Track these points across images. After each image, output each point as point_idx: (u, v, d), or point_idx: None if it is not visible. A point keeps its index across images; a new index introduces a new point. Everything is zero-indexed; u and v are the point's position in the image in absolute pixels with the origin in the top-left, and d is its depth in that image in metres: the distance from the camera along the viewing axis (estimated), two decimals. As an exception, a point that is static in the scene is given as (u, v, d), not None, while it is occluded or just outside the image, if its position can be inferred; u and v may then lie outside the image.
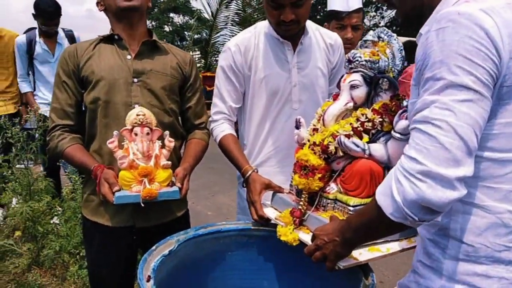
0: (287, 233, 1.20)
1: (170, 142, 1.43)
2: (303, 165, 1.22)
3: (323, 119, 1.26)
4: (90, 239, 1.59)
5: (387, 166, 1.18)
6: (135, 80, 1.48)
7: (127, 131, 1.36)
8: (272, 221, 1.32)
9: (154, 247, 1.20)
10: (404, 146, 1.13)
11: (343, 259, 1.04)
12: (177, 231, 1.30)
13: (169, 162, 1.40)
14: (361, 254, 1.08)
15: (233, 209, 4.48)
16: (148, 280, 1.04)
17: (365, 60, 1.21)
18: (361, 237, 1.00)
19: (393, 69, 1.22)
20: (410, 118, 0.97)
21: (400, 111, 1.11)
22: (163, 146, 1.42)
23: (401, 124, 1.10)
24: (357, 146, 1.13)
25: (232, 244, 1.38)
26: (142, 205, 1.31)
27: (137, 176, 1.33)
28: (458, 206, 0.90)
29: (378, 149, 1.15)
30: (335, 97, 1.38)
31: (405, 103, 1.14)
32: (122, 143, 1.38)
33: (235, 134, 1.64)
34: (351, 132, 1.17)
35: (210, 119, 1.68)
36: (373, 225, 0.93)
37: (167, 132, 1.44)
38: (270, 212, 1.37)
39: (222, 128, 1.63)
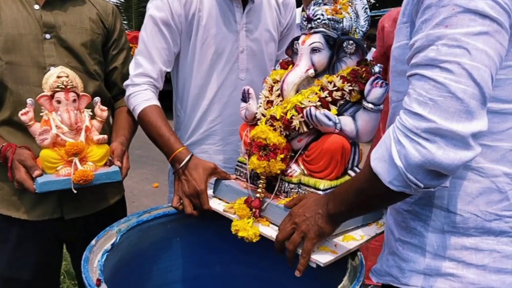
0: (247, 227, 0.98)
1: (102, 111, 1.14)
2: (262, 145, 1.01)
3: (281, 89, 1.05)
4: (2, 238, 1.24)
5: (353, 142, 1.04)
6: (47, 36, 1.16)
7: (46, 98, 1.05)
8: (222, 214, 1.09)
9: (94, 242, 0.97)
10: (375, 119, 1.01)
11: (322, 241, 0.89)
12: (114, 220, 1.09)
13: (105, 136, 1.11)
14: (337, 246, 0.93)
15: (139, 192, 4.13)
16: (98, 285, 0.82)
17: (328, 19, 1.03)
18: (350, 211, 0.84)
19: (357, 30, 1.06)
20: (398, 61, 0.83)
21: (372, 78, 0.96)
22: (93, 116, 1.14)
23: (375, 92, 0.95)
24: (329, 119, 0.95)
25: (181, 228, 1.19)
26: (74, 191, 1.03)
27: (64, 156, 1.05)
28: None
29: (348, 122, 0.99)
30: (284, 64, 1.19)
31: (376, 69, 0.99)
32: (41, 114, 1.10)
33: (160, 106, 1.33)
34: (318, 103, 0.99)
35: (128, 82, 1.31)
36: (366, 196, 0.78)
37: (97, 99, 1.14)
38: (215, 204, 1.14)
39: (145, 96, 1.27)
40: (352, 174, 1.04)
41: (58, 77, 1.05)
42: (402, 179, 0.69)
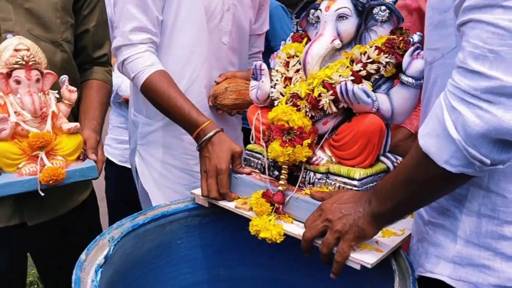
0: (269, 227, 0.83)
1: (71, 93, 0.92)
2: (285, 129, 0.85)
3: (303, 63, 0.89)
4: None
5: (386, 124, 0.90)
6: None
7: (1, 77, 0.84)
8: (234, 211, 0.93)
9: (83, 256, 0.78)
10: (415, 96, 0.87)
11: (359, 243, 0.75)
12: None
13: (77, 124, 0.91)
14: (380, 243, 0.79)
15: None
16: None
17: (357, -20, 0.88)
18: (397, 208, 0.70)
19: (387, -6, 0.92)
20: (435, 10, 0.69)
21: (412, 48, 0.83)
22: (59, 99, 0.93)
23: (416, 65, 0.82)
24: (368, 96, 0.81)
25: (181, 229, 1.03)
26: (41, 193, 0.84)
27: (27, 149, 0.85)
28: None
29: (384, 100, 0.85)
30: (298, 37, 1.03)
31: (416, 38, 0.85)
32: None
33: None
34: (351, 78, 0.84)
35: (120, 41, 1.10)
36: (417, 186, 0.65)
37: (65, 77, 0.92)
38: (224, 201, 0.98)
39: (147, 60, 1.08)
40: (386, 161, 0.90)
41: (16, 50, 0.84)
42: (461, 156, 0.56)
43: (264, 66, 0.99)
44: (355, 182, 0.83)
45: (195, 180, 1.22)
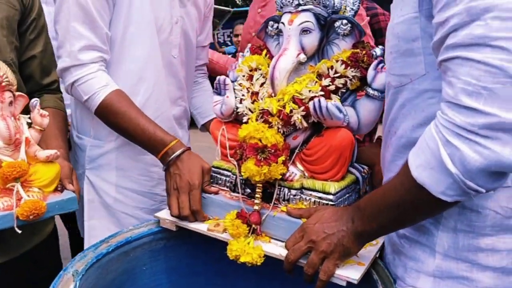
0: (249, 250, 0.80)
1: (43, 117, 0.84)
2: (258, 147, 0.83)
3: (271, 78, 0.88)
4: None
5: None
6: None
7: None
8: (207, 235, 0.89)
9: None
10: (379, 108, 0.90)
11: (344, 261, 0.76)
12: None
13: (57, 151, 0.83)
14: (359, 256, 0.80)
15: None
16: None
17: (318, -6, 0.88)
18: (383, 227, 0.72)
19: (347, 8, 0.94)
20: (401, 39, 0.71)
21: (375, 62, 0.85)
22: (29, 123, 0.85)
23: (381, 78, 0.84)
24: (340, 111, 0.82)
25: (145, 255, 0.97)
26: (18, 230, 0.75)
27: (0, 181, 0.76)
28: None
29: (352, 114, 0.87)
30: (257, 49, 1.02)
31: (378, 51, 0.88)
32: None
33: None
34: (321, 93, 0.84)
35: (68, 62, 1.02)
36: (407, 210, 0.66)
37: (37, 100, 0.84)
38: (193, 223, 0.93)
39: (101, 80, 1.01)
40: (354, 171, 0.92)
41: None
42: (458, 187, 0.58)
43: (228, 80, 0.95)
44: (331, 197, 0.84)
45: (153, 203, 1.16)
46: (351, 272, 0.74)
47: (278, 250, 0.81)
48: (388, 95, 0.80)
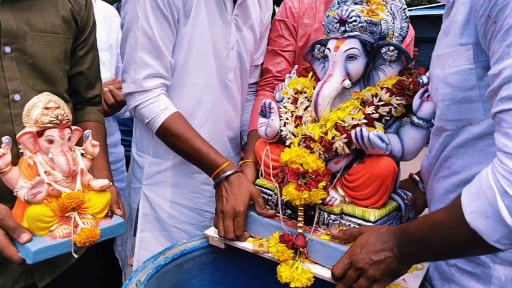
0: (298, 276, 0.83)
1: (94, 147, 0.88)
2: (299, 172, 0.85)
3: (314, 104, 0.90)
4: None
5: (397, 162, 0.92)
6: (7, 48, 0.85)
7: (30, 135, 0.79)
8: (255, 253, 0.93)
9: None
10: (424, 136, 0.89)
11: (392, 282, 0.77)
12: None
13: (109, 182, 0.87)
14: (407, 280, 0.82)
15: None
16: None
17: (365, 21, 0.89)
18: (429, 255, 0.73)
19: (395, 34, 0.93)
20: (456, 88, 0.72)
21: (421, 90, 0.84)
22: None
23: (427, 107, 0.83)
24: (383, 141, 0.82)
25: (195, 268, 1.02)
26: (75, 255, 0.80)
27: (57, 210, 0.80)
28: None
29: (395, 142, 0.87)
30: (303, 71, 1.04)
31: (425, 79, 0.87)
32: (24, 157, 0.81)
33: None
34: (364, 121, 0.85)
35: (133, 88, 1.08)
36: (457, 248, 0.66)
37: (89, 132, 0.88)
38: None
39: (161, 104, 1.07)
40: (397, 198, 0.92)
41: (47, 108, 0.80)
42: None
43: (273, 104, 0.99)
44: (371, 225, 0.84)
45: (204, 220, 1.21)
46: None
47: (325, 272, 0.84)
48: (440, 136, 0.80)
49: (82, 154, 0.87)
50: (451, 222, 0.65)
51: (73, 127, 0.85)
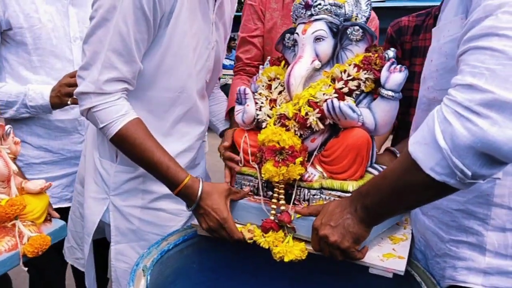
0: (290, 248, 0.83)
1: (17, 145, 0.81)
2: (276, 149, 0.87)
3: (287, 85, 0.93)
4: None
5: (370, 136, 0.95)
6: None
7: None
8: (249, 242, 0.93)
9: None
10: (394, 108, 0.92)
11: (360, 246, 0.79)
12: None
13: (50, 182, 0.82)
14: (397, 250, 0.86)
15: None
16: None
17: (329, 4, 0.93)
18: (384, 210, 0.73)
19: (358, 16, 0.98)
20: (449, 57, 0.75)
21: (388, 63, 0.88)
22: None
23: (395, 78, 0.86)
24: (353, 111, 0.85)
25: (196, 252, 1.04)
26: (25, 268, 0.73)
27: None
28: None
29: (367, 114, 0.89)
30: (276, 61, 1.08)
31: (390, 53, 0.91)
32: None
33: None
34: (334, 95, 0.88)
35: (90, 88, 0.97)
36: (403, 190, 0.67)
37: (10, 127, 0.81)
38: None
39: (120, 109, 0.97)
40: (374, 171, 0.94)
41: None
42: (446, 164, 0.59)
43: (248, 90, 1.01)
44: (349, 195, 0.85)
45: (181, 219, 1.15)
46: (395, 265, 0.78)
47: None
48: (431, 110, 0.83)
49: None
50: (397, 165, 0.67)
51: None
